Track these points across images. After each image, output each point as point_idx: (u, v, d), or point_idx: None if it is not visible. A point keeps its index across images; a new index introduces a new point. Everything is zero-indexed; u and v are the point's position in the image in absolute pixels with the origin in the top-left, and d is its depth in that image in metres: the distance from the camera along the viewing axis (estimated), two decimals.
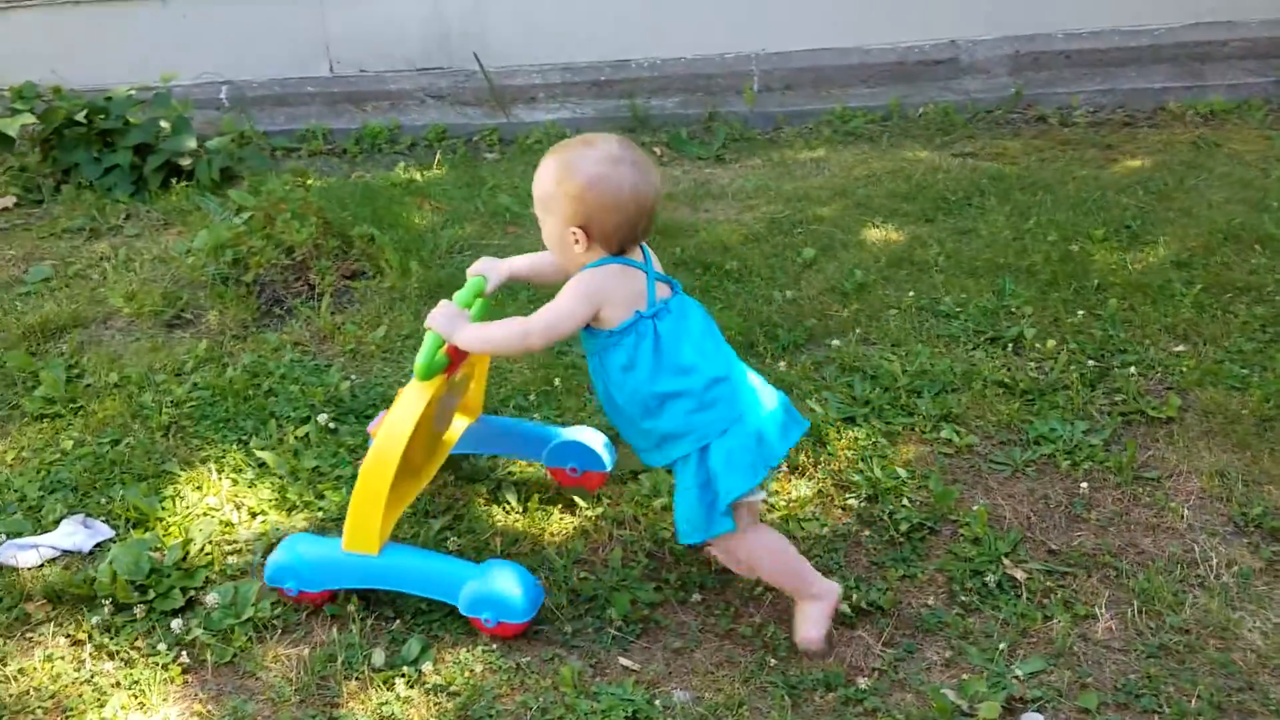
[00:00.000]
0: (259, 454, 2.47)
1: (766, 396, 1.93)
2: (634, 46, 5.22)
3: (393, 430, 1.91)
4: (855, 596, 2.03)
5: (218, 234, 3.39)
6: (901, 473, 2.36)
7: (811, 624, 1.92)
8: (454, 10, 5.07)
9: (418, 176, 4.23)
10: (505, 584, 1.93)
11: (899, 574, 2.10)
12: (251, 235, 3.21)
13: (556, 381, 2.72)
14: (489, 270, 2.07)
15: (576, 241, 1.84)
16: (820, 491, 2.33)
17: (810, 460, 2.42)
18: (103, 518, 2.31)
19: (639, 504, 2.29)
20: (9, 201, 3.90)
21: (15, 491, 2.39)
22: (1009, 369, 2.73)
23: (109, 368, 2.82)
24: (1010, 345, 2.83)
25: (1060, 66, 5.12)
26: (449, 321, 1.93)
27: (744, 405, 1.88)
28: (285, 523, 2.27)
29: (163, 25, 4.90)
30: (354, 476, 2.36)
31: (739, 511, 1.88)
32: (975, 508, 2.24)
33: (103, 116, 3.94)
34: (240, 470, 2.44)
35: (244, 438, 2.55)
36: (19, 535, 2.25)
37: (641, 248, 1.91)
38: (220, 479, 2.40)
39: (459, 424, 2.30)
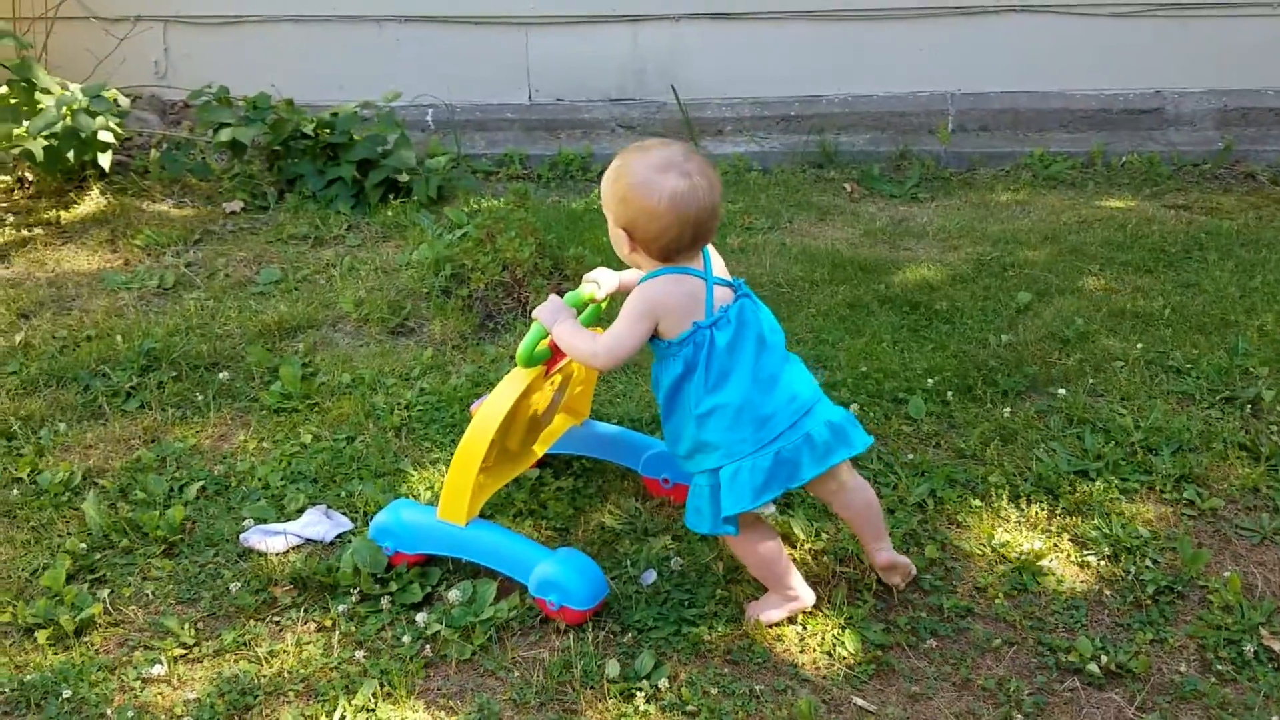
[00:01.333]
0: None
1: (818, 416, 1.95)
2: (825, 83, 5.23)
3: (489, 411, 2.04)
4: (1104, 659, 1.94)
5: (437, 249, 3.53)
6: (1143, 532, 2.26)
7: (771, 609, 2.03)
8: (652, 46, 5.18)
9: None
10: (572, 572, 2.02)
11: (1148, 637, 2.00)
12: (474, 252, 3.32)
13: None
14: (602, 279, 2.15)
15: (625, 242, 1.93)
16: (1055, 545, 2.25)
17: (1043, 512, 2.34)
18: (342, 510, 2.40)
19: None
20: (236, 205, 4.14)
21: (259, 480, 2.51)
22: (1249, 431, 2.59)
23: (341, 368, 2.96)
24: (1248, 407, 2.69)
25: (1270, 124, 4.93)
26: (553, 315, 2.01)
27: (781, 426, 1.91)
28: (510, 527, 2.32)
29: (376, 47, 5.15)
30: (571, 487, 2.43)
31: (743, 517, 1.96)
32: (1226, 574, 2.12)
33: (328, 131, 4.15)
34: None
35: None
36: (264, 521, 2.37)
37: (703, 253, 1.94)
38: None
39: (563, 424, 2.41)
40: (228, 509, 2.41)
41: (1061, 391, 2.77)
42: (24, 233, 3.88)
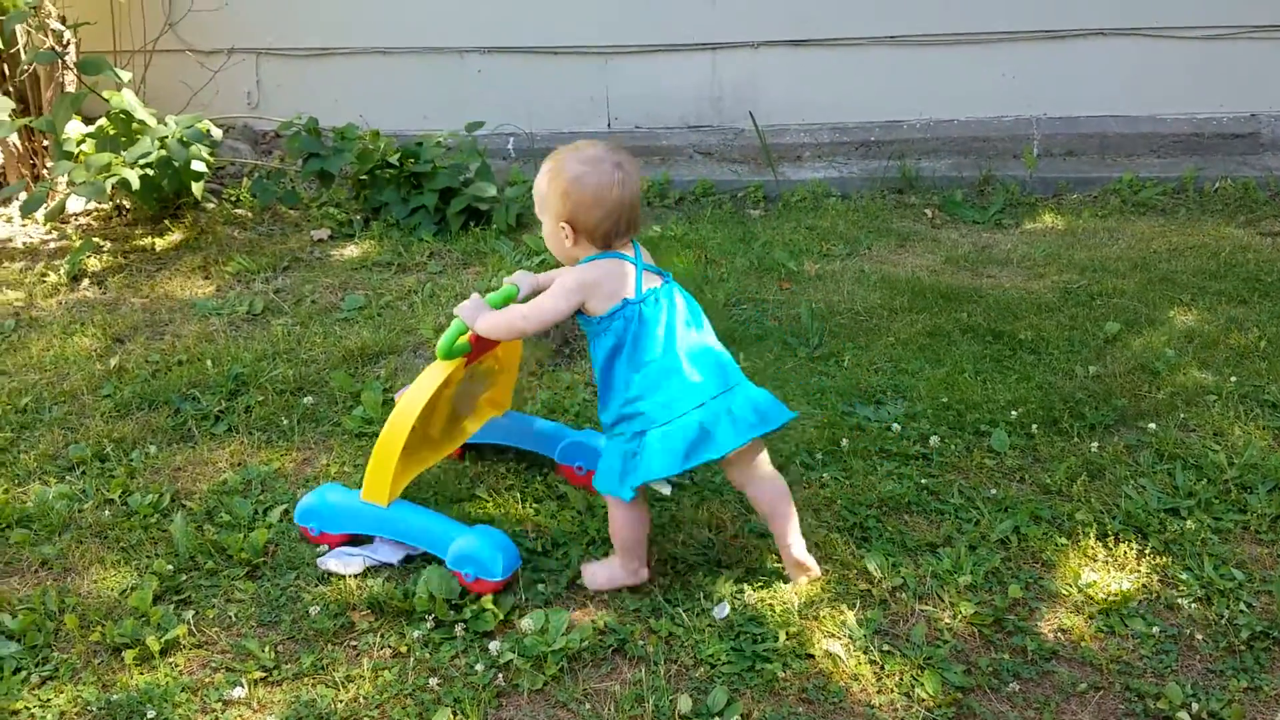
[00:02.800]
0: (560, 486, 2.55)
1: (737, 393, 2.10)
2: (907, 108, 5.19)
3: (411, 399, 2.20)
4: (1195, 706, 1.86)
5: None
6: (1237, 574, 2.17)
7: (605, 572, 2.20)
8: (731, 74, 5.19)
9: (688, 229, 4.31)
10: (487, 546, 2.16)
11: (1241, 685, 1.92)
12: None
13: (844, 442, 2.68)
14: (521, 281, 2.30)
15: (567, 236, 2.08)
16: (1144, 586, 2.17)
17: (1132, 551, 2.26)
18: None
19: (942, 579, 2.20)
20: (324, 234, 4.25)
21: None
22: None
23: None
24: None
25: None
26: (473, 311, 2.18)
27: (703, 398, 2.06)
28: (581, 555, 2.32)
29: (459, 77, 5.25)
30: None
31: (651, 489, 2.13)
32: None
33: (412, 161, 4.24)
34: (541, 500, 2.53)
35: (545, 471, 2.64)
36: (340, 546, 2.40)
37: (633, 243, 2.11)
38: (525, 508, 2.49)
39: (485, 414, 2.57)
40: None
41: (1152, 426, 2.68)
42: (120, 259, 4.03)
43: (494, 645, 2.05)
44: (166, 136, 3.83)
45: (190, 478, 2.65)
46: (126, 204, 4.31)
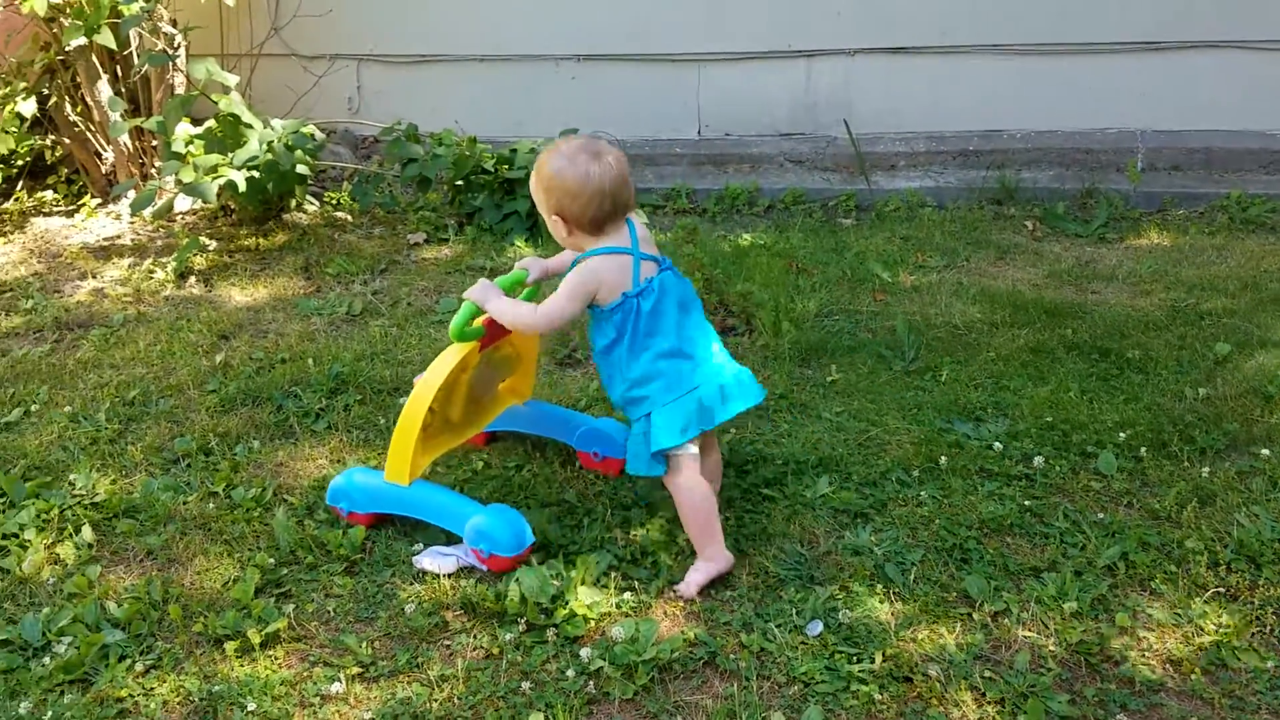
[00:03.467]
0: (648, 496, 2.54)
1: (725, 371, 2.27)
2: (1005, 118, 5.09)
3: (427, 382, 2.30)
4: None
5: None
6: None
7: (696, 575, 2.22)
8: (825, 82, 5.15)
9: (778, 238, 4.28)
10: (500, 523, 2.27)
11: None
12: None
13: (942, 460, 2.62)
14: (531, 266, 2.43)
15: (562, 227, 2.22)
16: (1258, 619, 2.08)
17: (1244, 582, 2.17)
18: None
19: (1046, 605, 2.14)
20: (420, 237, 4.32)
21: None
22: None
23: None
24: None
25: None
26: (483, 294, 2.28)
27: (699, 378, 2.22)
28: (673, 565, 2.31)
29: (553, 84, 5.29)
30: (734, 527, 2.39)
31: (679, 459, 2.23)
32: None
33: (507, 167, 4.28)
34: (628, 508, 2.52)
35: (630, 479, 2.63)
36: (434, 545, 2.43)
37: (629, 226, 2.23)
38: (611, 515, 2.49)
39: (505, 401, 2.66)
40: (402, 531, 2.48)
41: (1265, 452, 2.57)
42: (225, 258, 4.15)
43: (585, 652, 2.05)
44: (273, 140, 3.93)
45: (291, 473, 2.71)
46: (232, 204, 4.44)
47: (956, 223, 4.37)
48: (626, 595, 2.22)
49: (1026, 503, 2.46)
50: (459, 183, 4.36)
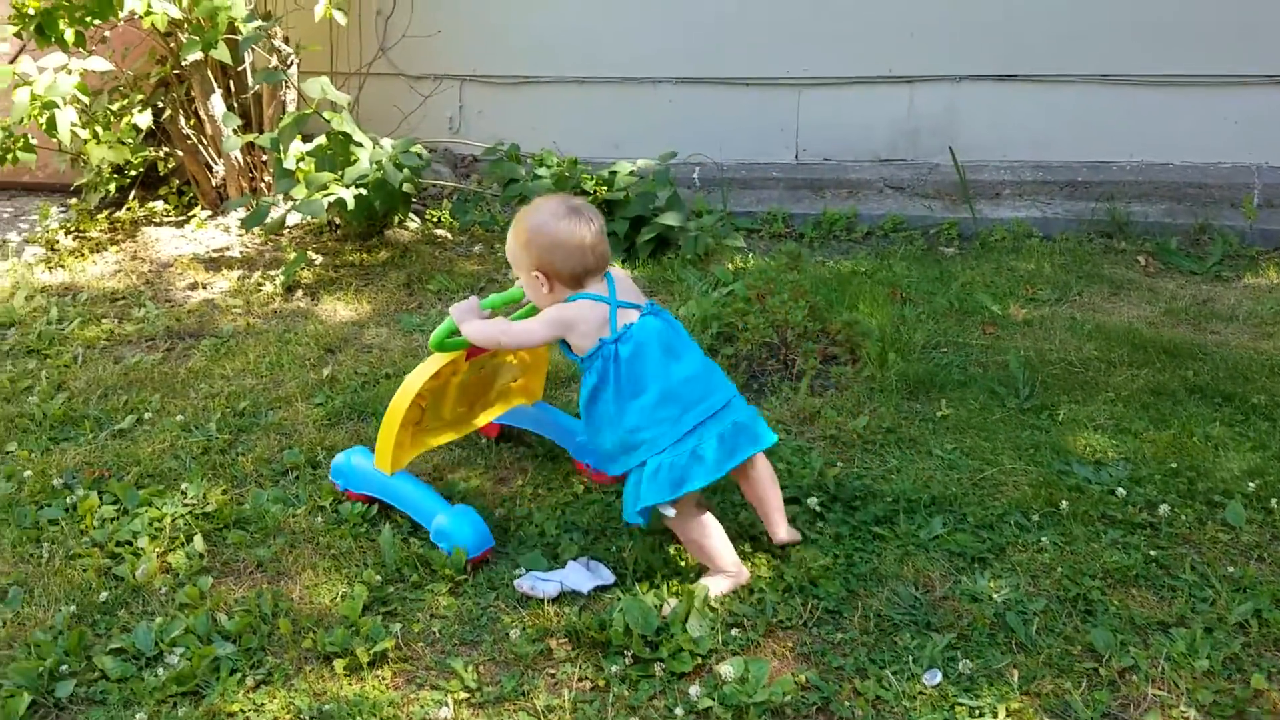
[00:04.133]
0: (752, 529, 2.49)
1: (725, 418, 2.23)
2: (1115, 149, 4.95)
3: (407, 383, 2.45)
4: None
5: (704, 306, 3.55)
6: None
7: (716, 584, 2.26)
8: (928, 107, 5.06)
9: (879, 266, 4.20)
10: (463, 525, 2.38)
11: None
12: (744, 312, 3.31)
13: (1063, 504, 2.53)
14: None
15: (542, 284, 2.27)
16: None
17: None
18: (611, 565, 2.41)
19: (1176, 662, 2.03)
20: None
21: (536, 526, 2.57)
22: None
23: None
24: None
25: None
26: (463, 313, 2.37)
27: (688, 425, 2.20)
28: (778, 602, 2.25)
29: (651, 106, 5.30)
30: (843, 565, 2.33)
31: (677, 504, 2.23)
32: None
33: (606, 189, 4.28)
34: (735, 541, 2.47)
35: (735, 509, 2.58)
36: (536, 569, 2.41)
37: (608, 279, 2.27)
38: None
39: (512, 401, 2.81)
40: (502, 553, 2.47)
41: None
42: (330, 273, 4.22)
43: (693, 690, 2.00)
44: (382, 159, 3.99)
45: None
46: (338, 220, 4.51)
47: (1065, 255, 4.25)
48: (734, 631, 2.17)
49: (1152, 553, 2.35)
50: None
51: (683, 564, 2.39)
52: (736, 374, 3.25)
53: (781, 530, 2.37)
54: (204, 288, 4.13)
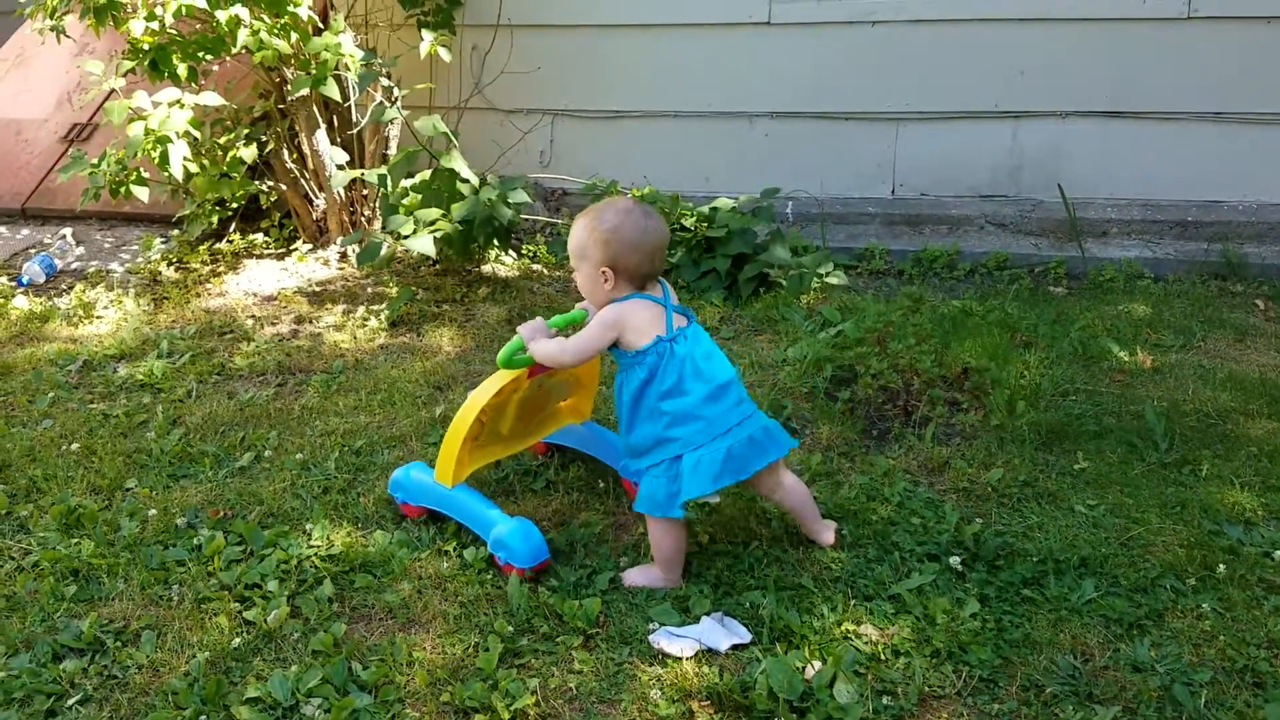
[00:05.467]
0: (893, 587, 2.41)
1: (753, 422, 2.37)
2: (1227, 189, 4.81)
3: (472, 398, 2.53)
4: None
5: (816, 347, 3.48)
6: None
7: (641, 578, 2.45)
8: (1032, 143, 4.96)
9: (990, 306, 4.09)
10: (518, 537, 2.46)
11: None
12: (866, 355, 3.23)
13: (1220, 568, 2.41)
14: (590, 307, 2.51)
15: (606, 280, 2.35)
16: None
17: None
18: (744, 621, 2.34)
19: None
20: None
21: None
22: None
23: None
24: None
25: None
26: (531, 333, 2.46)
27: (727, 424, 2.33)
28: (928, 669, 2.16)
29: (745, 141, 5.25)
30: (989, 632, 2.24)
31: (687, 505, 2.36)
32: None
33: (706, 225, 4.24)
34: (871, 599, 2.39)
35: (870, 565, 2.50)
36: (668, 622, 2.34)
37: (661, 285, 2.40)
38: (853, 605, 2.36)
39: (564, 419, 2.88)
40: (634, 605, 2.41)
41: None
42: (432, 308, 4.21)
43: None
44: (492, 196, 3.98)
45: None
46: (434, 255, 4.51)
47: (1181, 298, 4.11)
48: (886, 700, 2.09)
49: None
50: None
51: (821, 620, 2.31)
52: (853, 419, 3.17)
53: (828, 533, 2.54)
54: (310, 321, 4.14)
